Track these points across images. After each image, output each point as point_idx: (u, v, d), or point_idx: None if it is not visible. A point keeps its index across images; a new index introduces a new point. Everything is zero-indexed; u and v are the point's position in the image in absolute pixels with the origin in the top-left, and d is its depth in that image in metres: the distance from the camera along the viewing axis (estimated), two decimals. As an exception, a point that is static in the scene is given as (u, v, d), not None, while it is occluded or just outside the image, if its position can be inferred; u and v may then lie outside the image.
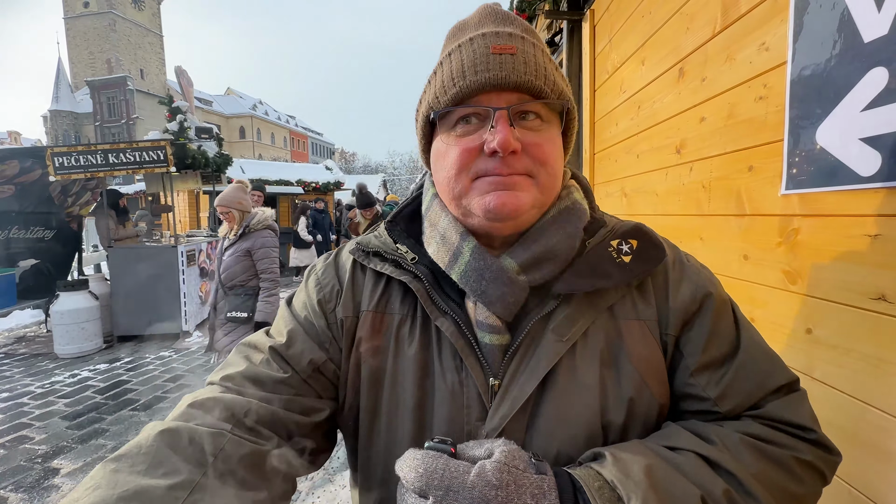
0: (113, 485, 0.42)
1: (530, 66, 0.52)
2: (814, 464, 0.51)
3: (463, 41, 0.55)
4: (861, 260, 0.81)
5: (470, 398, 0.55)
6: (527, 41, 0.54)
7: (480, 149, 0.53)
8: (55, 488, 2.64)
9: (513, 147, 0.51)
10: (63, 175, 5.39)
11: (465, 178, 0.55)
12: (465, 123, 0.55)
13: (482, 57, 0.52)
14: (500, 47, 0.52)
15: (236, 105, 61.91)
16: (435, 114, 0.56)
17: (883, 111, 0.74)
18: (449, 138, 0.56)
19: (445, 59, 0.56)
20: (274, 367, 0.59)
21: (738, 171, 1.18)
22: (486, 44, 0.52)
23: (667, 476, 0.46)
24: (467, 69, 0.52)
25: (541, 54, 0.55)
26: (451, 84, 0.53)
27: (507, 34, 0.54)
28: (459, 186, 0.55)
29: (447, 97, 0.53)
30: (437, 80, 0.56)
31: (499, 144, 0.50)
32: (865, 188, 0.79)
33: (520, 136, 0.52)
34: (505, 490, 0.42)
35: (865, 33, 0.77)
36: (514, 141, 0.51)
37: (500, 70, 0.51)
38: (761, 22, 1.07)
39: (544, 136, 0.54)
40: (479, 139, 0.53)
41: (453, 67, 0.53)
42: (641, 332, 0.56)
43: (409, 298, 0.61)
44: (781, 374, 0.56)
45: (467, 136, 0.54)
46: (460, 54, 0.54)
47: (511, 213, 0.53)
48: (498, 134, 0.50)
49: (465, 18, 0.61)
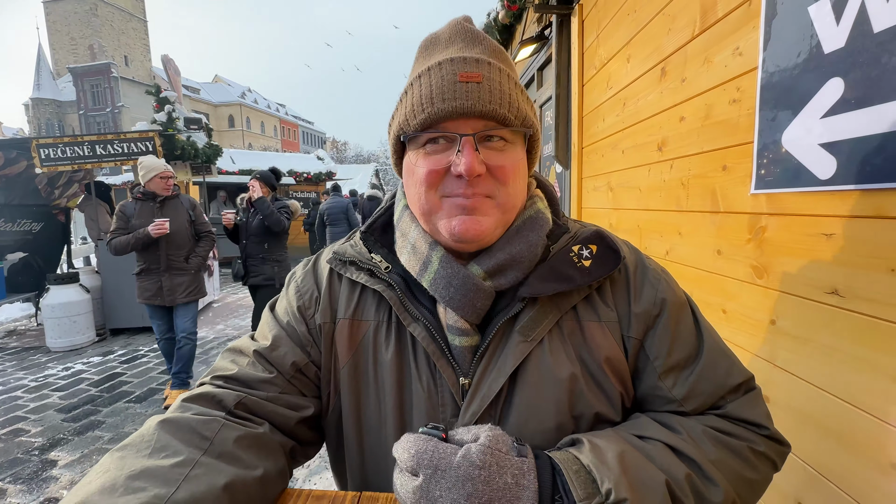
0: (121, 467, 0.47)
1: (495, 95, 0.54)
2: (766, 454, 0.57)
3: (432, 65, 0.57)
4: (818, 257, 0.88)
5: (444, 397, 0.60)
6: (493, 67, 0.56)
7: (448, 169, 0.56)
8: (53, 479, 2.68)
9: (477, 172, 0.54)
10: (49, 167, 5.32)
11: (434, 196, 0.58)
12: (433, 143, 0.58)
13: (449, 85, 0.54)
14: (466, 75, 0.54)
15: (224, 93, 60.72)
16: (405, 136, 0.59)
17: (839, 119, 0.80)
18: (418, 156, 0.59)
19: (416, 82, 0.58)
20: (259, 369, 0.63)
21: (713, 170, 1.23)
22: (454, 71, 0.55)
23: (636, 462, 0.51)
24: (435, 96, 0.54)
25: (507, 80, 0.57)
26: (420, 109, 0.55)
27: (475, 60, 0.55)
28: (428, 204, 0.59)
29: (416, 121, 0.56)
30: (408, 102, 0.58)
31: (465, 170, 0.54)
32: (823, 190, 0.85)
33: (484, 159, 0.55)
34: (487, 470, 0.47)
35: (826, 45, 0.82)
36: (479, 165, 0.54)
37: (466, 99, 0.53)
38: (735, 27, 1.12)
39: (507, 157, 0.57)
40: (447, 160, 0.56)
41: (423, 92, 0.56)
42: (602, 332, 0.60)
43: (384, 305, 0.64)
44: (739, 373, 0.61)
45: (436, 155, 0.57)
46: (429, 79, 0.56)
47: (474, 237, 0.57)
48: (464, 158, 0.54)
49: (436, 33, 0.63)
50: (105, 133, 5.62)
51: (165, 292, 3.35)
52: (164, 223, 3.19)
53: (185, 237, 3.40)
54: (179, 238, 3.37)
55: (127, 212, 3.32)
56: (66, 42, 45.51)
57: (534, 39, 3.09)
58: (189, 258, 3.43)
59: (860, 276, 0.78)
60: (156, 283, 3.33)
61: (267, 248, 3.68)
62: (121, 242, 3.23)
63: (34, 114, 41.71)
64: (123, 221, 3.29)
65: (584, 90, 2.48)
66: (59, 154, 5.28)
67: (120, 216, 3.33)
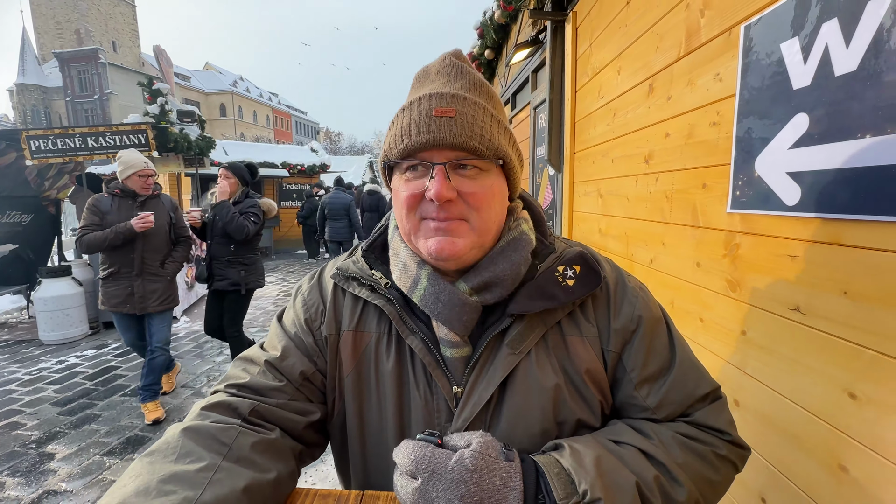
0: (151, 472, 0.53)
1: (466, 128, 0.59)
2: (728, 457, 0.64)
3: (413, 100, 0.62)
4: (783, 276, 0.95)
5: (439, 404, 0.66)
6: (468, 101, 0.61)
7: (423, 194, 0.61)
8: (52, 472, 2.72)
9: (447, 197, 0.59)
10: (40, 159, 5.27)
11: (414, 218, 0.64)
12: (413, 170, 0.63)
13: (425, 119, 0.59)
14: (441, 110, 0.59)
15: (216, 81, 59.70)
16: (385, 163, 0.66)
17: (804, 151, 0.87)
18: (401, 181, 0.64)
19: (400, 114, 0.63)
20: (270, 377, 0.69)
21: (694, 187, 1.30)
22: (431, 106, 0.60)
23: (611, 466, 0.58)
24: (412, 129, 0.60)
25: (481, 113, 0.61)
26: (399, 140, 0.61)
27: (451, 96, 0.60)
28: (409, 225, 0.64)
29: (396, 151, 0.62)
30: (392, 131, 0.64)
31: (434, 194, 0.59)
32: (789, 215, 0.92)
33: (457, 185, 0.60)
34: (479, 473, 0.54)
35: (794, 81, 0.89)
36: (448, 191, 0.59)
37: (439, 133, 0.59)
38: (717, 53, 1.18)
39: (479, 184, 0.62)
40: (423, 186, 0.61)
41: (403, 125, 0.61)
42: (584, 346, 0.66)
43: (384, 318, 0.70)
44: (707, 384, 0.68)
45: (415, 180, 0.62)
46: (410, 113, 0.61)
47: (449, 256, 0.62)
48: (434, 185, 0.59)
49: (428, 66, 0.68)
50: (97, 125, 5.54)
51: (137, 299, 3.07)
52: (149, 216, 2.96)
53: (163, 240, 3.17)
54: (158, 240, 3.13)
55: (102, 207, 3.02)
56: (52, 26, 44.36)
57: (529, 43, 3.14)
58: (165, 263, 3.19)
59: (818, 296, 0.86)
60: (126, 289, 3.06)
61: (233, 250, 3.31)
62: (96, 238, 2.92)
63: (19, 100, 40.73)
64: (97, 217, 3.00)
65: (577, 97, 2.53)
66: (50, 146, 5.23)
67: (93, 210, 3.00)
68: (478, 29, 4.89)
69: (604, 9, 2.08)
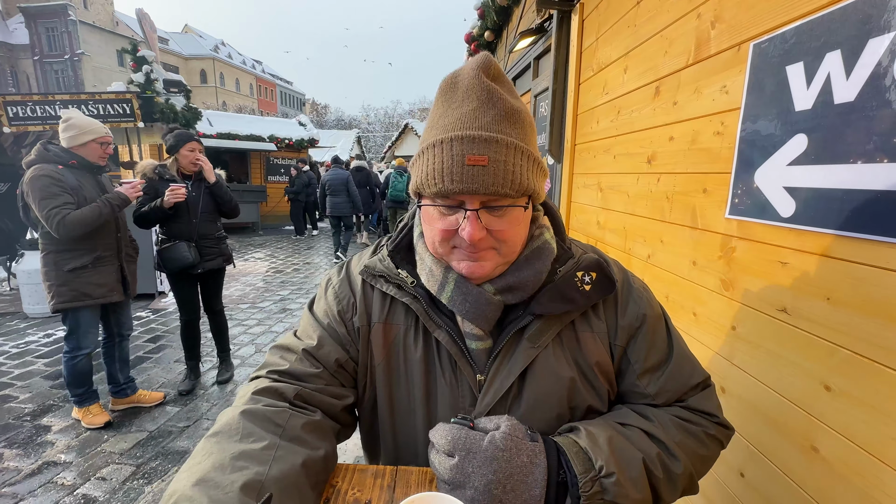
0: (222, 450, 0.60)
1: (498, 178, 0.61)
2: (716, 436, 0.75)
3: (444, 139, 0.62)
4: (774, 280, 1.05)
5: (463, 390, 0.74)
6: (500, 144, 0.61)
7: (457, 229, 0.66)
8: (49, 444, 2.75)
9: (479, 237, 0.64)
10: (18, 126, 5.05)
11: (446, 245, 0.69)
12: (446, 207, 0.66)
13: (458, 167, 0.61)
14: (473, 159, 0.61)
15: (196, 45, 56.91)
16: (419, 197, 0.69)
17: (801, 169, 0.95)
18: (435, 211, 0.68)
19: (430, 149, 0.64)
20: (307, 365, 0.76)
21: (695, 191, 1.39)
22: (463, 153, 0.61)
23: (621, 445, 0.67)
24: (445, 175, 0.62)
25: (512, 155, 0.62)
26: (432, 182, 0.63)
27: (483, 141, 0.61)
28: (441, 250, 0.70)
29: (431, 191, 0.64)
30: (425, 165, 0.64)
31: (467, 237, 0.64)
32: (783, 226, 1.01)
33: (487, 223, 0.65)
34: (509, 452, 0.62)
35: (797, 103, 0.97)
36: (480, 232, 0.64)
37: (472, 183, 0.61)
38: (725, 66, 1.25)
39: (507, 220, 0.66)
40: (457, 222, 0.66)
41: (435, 166, 0.63)
42: (594, 341, 0.75)
43: (411, 312, 0.77)
44: (699, 374, 0.78)
45: (449, 216, 0.66)
46: (442, 153, 0.62)
47: (479, 278, 0.70)
48: (468, 228, 0.64)
49: (457, 77, 0.66)
50: (78, 93, 5.31)
51: (129, 283, 2.84)
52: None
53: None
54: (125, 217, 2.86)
55: (68, 182, 2.53)
56: (16, -24, 41.16)
57: (534, 31, 3.14)
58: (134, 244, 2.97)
59: (804, 300, 0.96)
60: (113, 275, 2.73)
61: (220, 225, 3.28)
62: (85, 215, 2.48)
63: (-19, 56, 38.09)
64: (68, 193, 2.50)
65: (581, 90, 2.58)
66: (29, 113, 5.01)
67: (59, 185, 2.47)
68: (478, 9, 4.83)
69: (612, 4, 2.11)
